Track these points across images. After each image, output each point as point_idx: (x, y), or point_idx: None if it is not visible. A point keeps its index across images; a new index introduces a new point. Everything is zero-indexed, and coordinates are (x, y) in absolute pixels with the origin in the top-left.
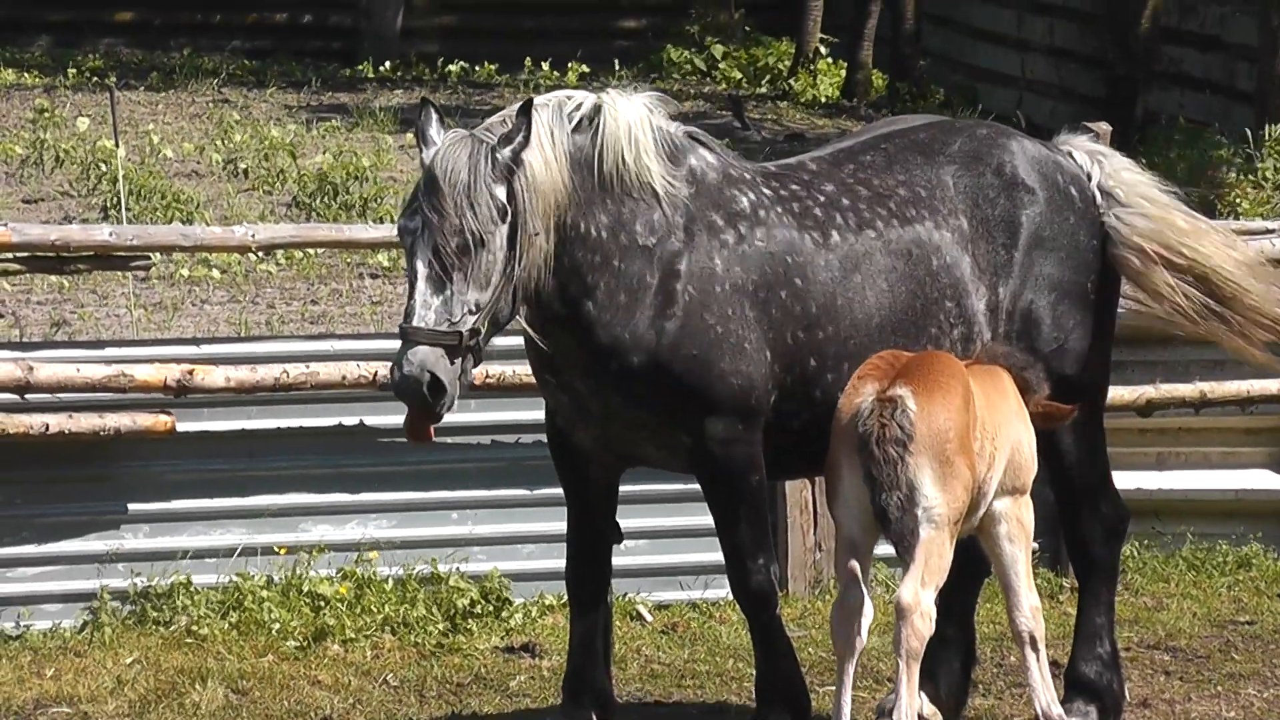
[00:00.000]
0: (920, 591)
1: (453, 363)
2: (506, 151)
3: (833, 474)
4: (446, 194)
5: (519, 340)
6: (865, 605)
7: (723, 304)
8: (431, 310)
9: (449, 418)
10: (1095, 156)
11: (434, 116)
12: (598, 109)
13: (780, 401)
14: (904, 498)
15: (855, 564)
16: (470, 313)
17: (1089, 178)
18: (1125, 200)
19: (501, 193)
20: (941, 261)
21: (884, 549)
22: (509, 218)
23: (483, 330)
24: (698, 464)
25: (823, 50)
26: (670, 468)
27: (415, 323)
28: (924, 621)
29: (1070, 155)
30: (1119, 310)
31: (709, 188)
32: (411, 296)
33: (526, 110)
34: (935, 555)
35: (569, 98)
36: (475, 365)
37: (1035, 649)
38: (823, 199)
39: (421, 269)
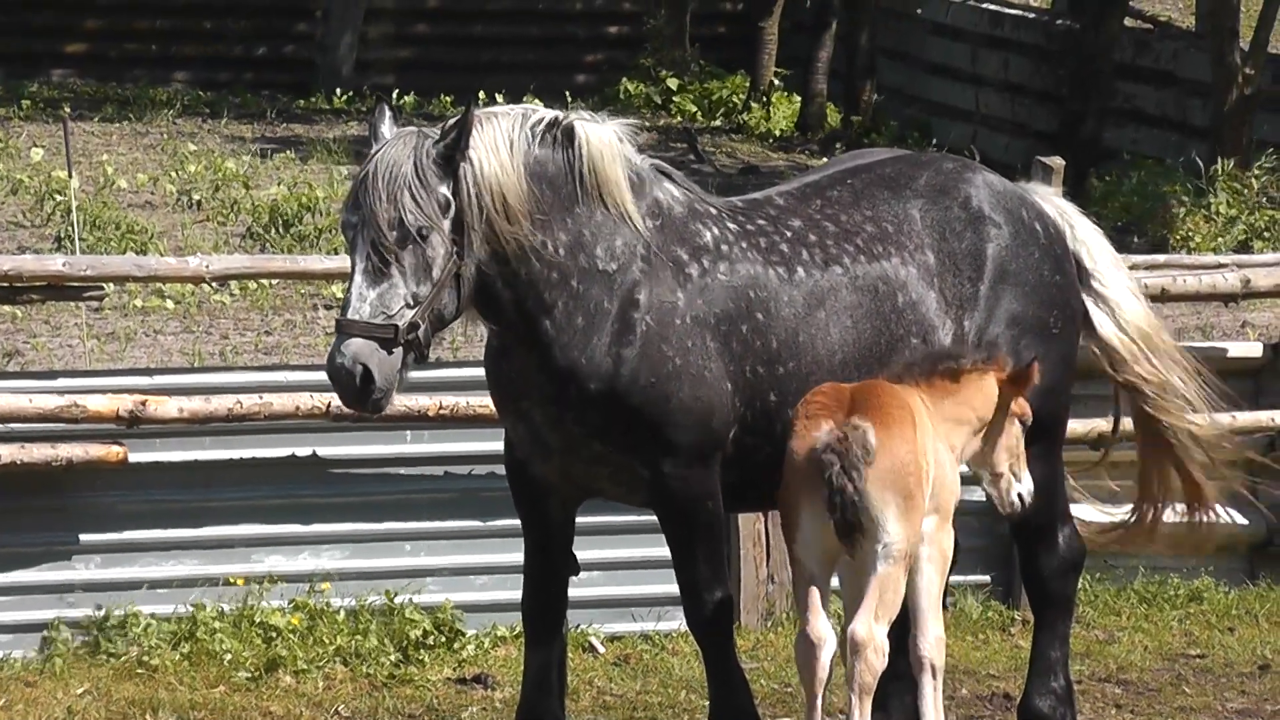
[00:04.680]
0: (874, 626)
1: (389, 354)
2: (446, 145)
3: (789, 510)
4: (386, 186)
5: (473, 371)
6: (828, 637)
7: (682, 336)
8: (367, 303)
9: (403, 448)
10: (1064, 216)
11: (387, 114)
12: (569, 128)
13: (741, 435)
14: (870, 532)
15: (816, 597)
16: (408, 306)
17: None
18: (1108, 295)
19: (444, 188)
20: (907, 298)
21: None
22: (451, 212)
23: (423, 325)
24: (655, 496)
25: (777, 84)
26: (629, 502)
27: (350, 315)
28: (877, 656)
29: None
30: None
31: (673, 220)
32: (349, 289)
33: (468, 108)
34: (890, 590)
35: (534, 111)
36: (420, 360)
37: (934, 678)
38: (789, 234)
39: (360, 262)
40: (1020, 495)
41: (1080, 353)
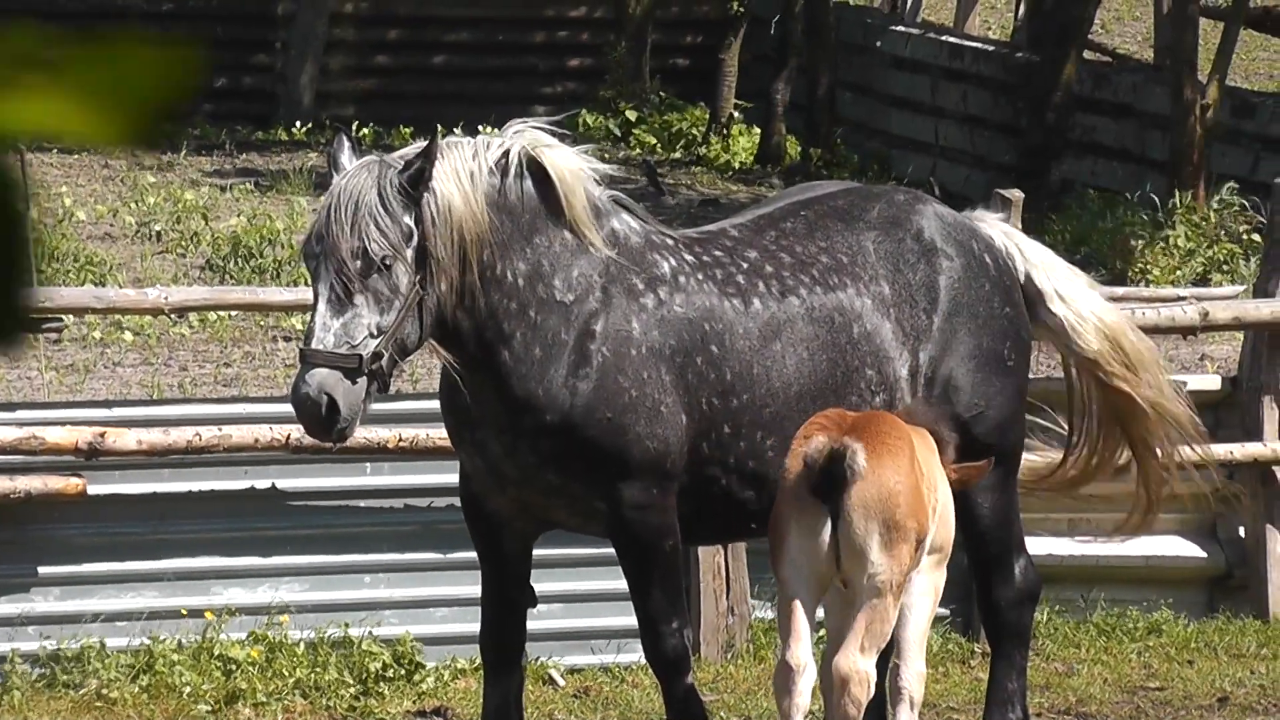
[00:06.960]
0: (859, 658)
1: (354, 384)
2: (409, 175)
3: (778, 532)
4: (349, 215)
5: (433, 404)
6: (808, 665)
7: (638, 368)
8: (331, 333)
9: (362, 481)
10: (1010, 238)
11: (346, 143)
12: (532, 158)
13: (696, 467)
14: (856, 560)
15: (800, 624)
16: (372, 336)
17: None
18: (1074, 308)
19: (407, 217)
20: (863, 329)
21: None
22: (414, 242)
23: (386, 354)
24: (612, 528)
25: (737, 116)
26: (587, 532)
27: (314, 345)
28: (861, 689)
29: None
30: (1030, 376)
31: (630, 251)
32: (312, 319)
33: (433, 137)
34: (878, 621)
35: (494, 141)
36: (382, 390)
37: (912, 710)
38: (745, 265)
39: (323, 291)
40: None
41: (1042, 385)
